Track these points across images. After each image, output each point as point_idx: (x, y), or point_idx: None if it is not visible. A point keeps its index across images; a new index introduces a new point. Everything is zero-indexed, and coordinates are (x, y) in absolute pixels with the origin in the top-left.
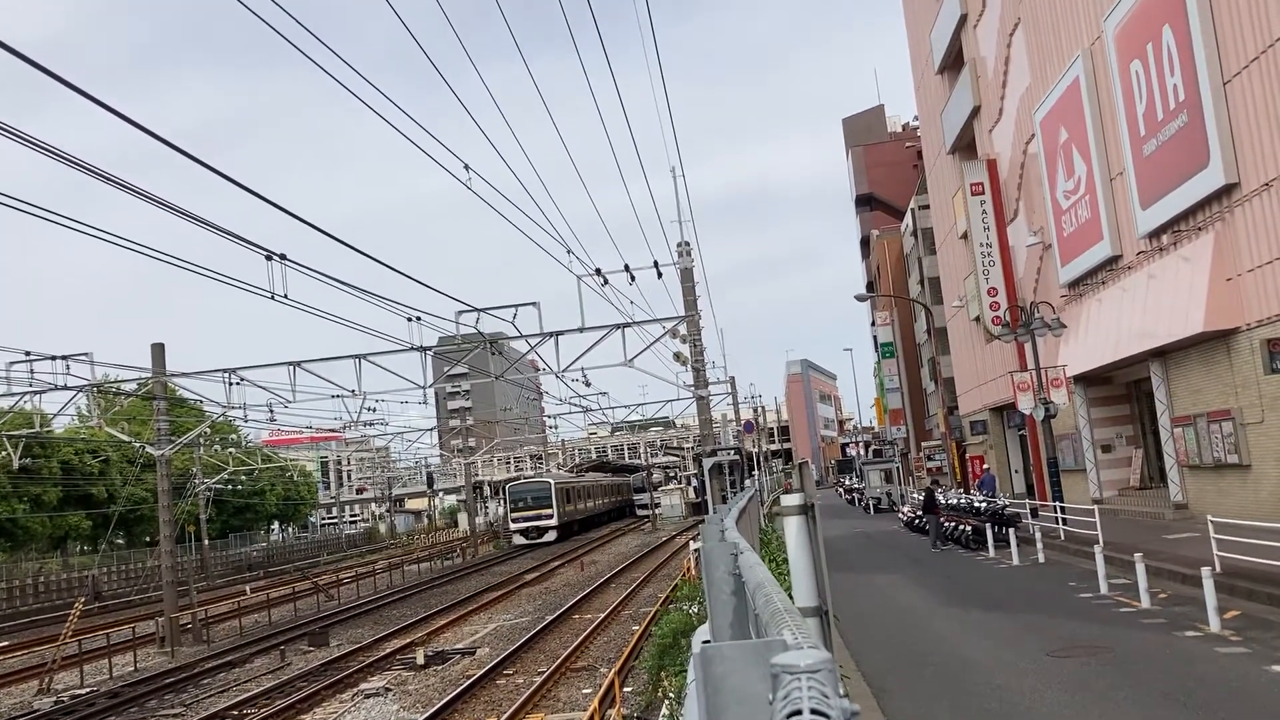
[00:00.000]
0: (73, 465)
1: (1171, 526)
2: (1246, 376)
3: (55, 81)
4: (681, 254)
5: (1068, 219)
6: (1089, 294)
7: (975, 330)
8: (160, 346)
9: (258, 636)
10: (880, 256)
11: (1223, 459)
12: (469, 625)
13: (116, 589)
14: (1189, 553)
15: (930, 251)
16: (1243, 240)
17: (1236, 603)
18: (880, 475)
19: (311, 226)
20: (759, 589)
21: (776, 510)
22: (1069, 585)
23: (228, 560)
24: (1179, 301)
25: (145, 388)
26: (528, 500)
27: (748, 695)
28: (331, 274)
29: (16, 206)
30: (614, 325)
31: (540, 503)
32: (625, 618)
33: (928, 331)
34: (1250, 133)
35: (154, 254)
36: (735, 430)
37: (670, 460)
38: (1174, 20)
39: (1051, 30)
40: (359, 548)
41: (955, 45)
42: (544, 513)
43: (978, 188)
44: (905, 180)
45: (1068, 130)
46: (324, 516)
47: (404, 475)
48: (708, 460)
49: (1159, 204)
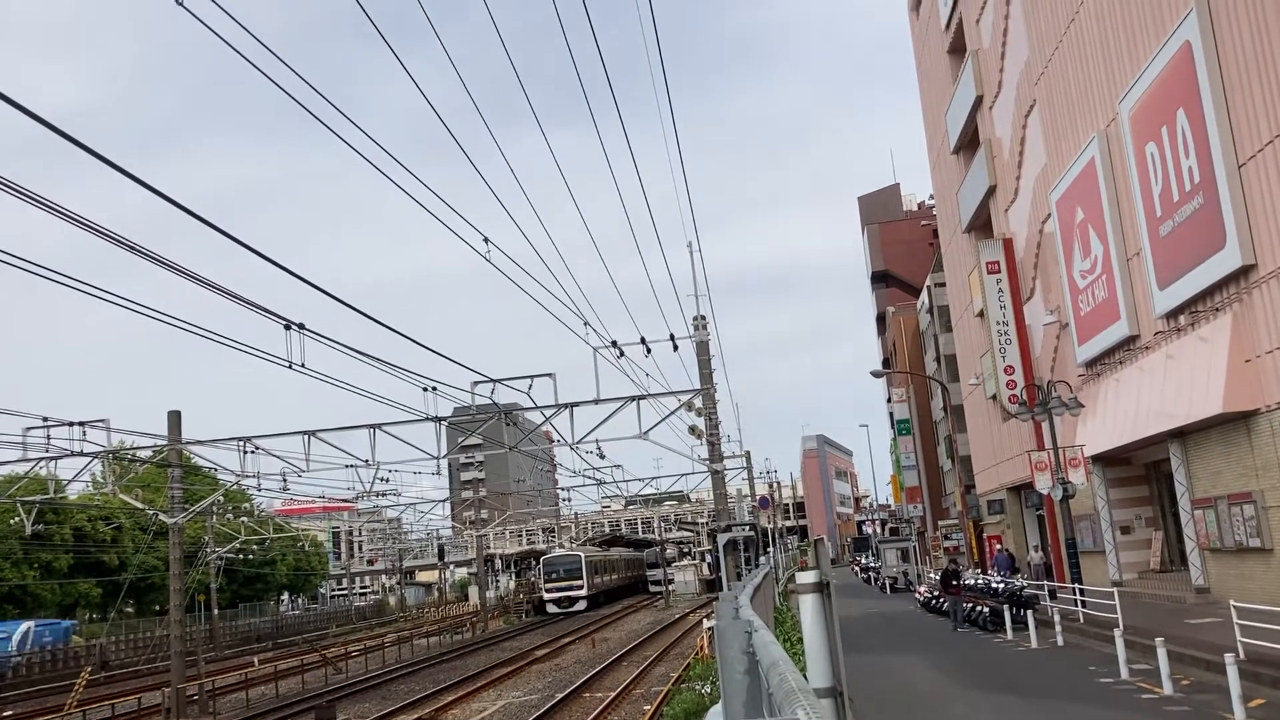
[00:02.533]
0: (85, 532)
1: (1193, 611)
2: (1268, 459)
3: (77, 148)
4: (697, 327)
5: (1084, 298)
6: (1107, 373)
7: (992, 408)
8: (176, 414)
9: (264, 709)
10: (896, 333)
11: (1244, 542)
12: (478, 702)
13: (124, 658)
14: (1212, 638)
15: (946, 329)
16: (1261, 322)
17: (1262, 690)
18: (897, 554)
19: (330, 296)
20: (773, 668)
21: (791, 588)
22: (1089, 669)
23: (236, 631)
24: (1197, 382)
25: (160, 455)
26: (560, 572)
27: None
28: (349, 343)
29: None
30: (629, 397)
31: (572, 574)
32: (637, 696)
33: (944, 409)
34: (1266, 215)
35: (173, 321)
36: (750, 506)
37: (684, 535)
38: (1188, 104)
39: (1067, 112)
40: (368, 620)
41: (971, 126)
42: (575, 584)
43: (994, 266)
44: (921, 258)
45: (1084, 210)
46: (334, 588)
47: (415, 547)
48: (722, 536)
49: (1176, 284)
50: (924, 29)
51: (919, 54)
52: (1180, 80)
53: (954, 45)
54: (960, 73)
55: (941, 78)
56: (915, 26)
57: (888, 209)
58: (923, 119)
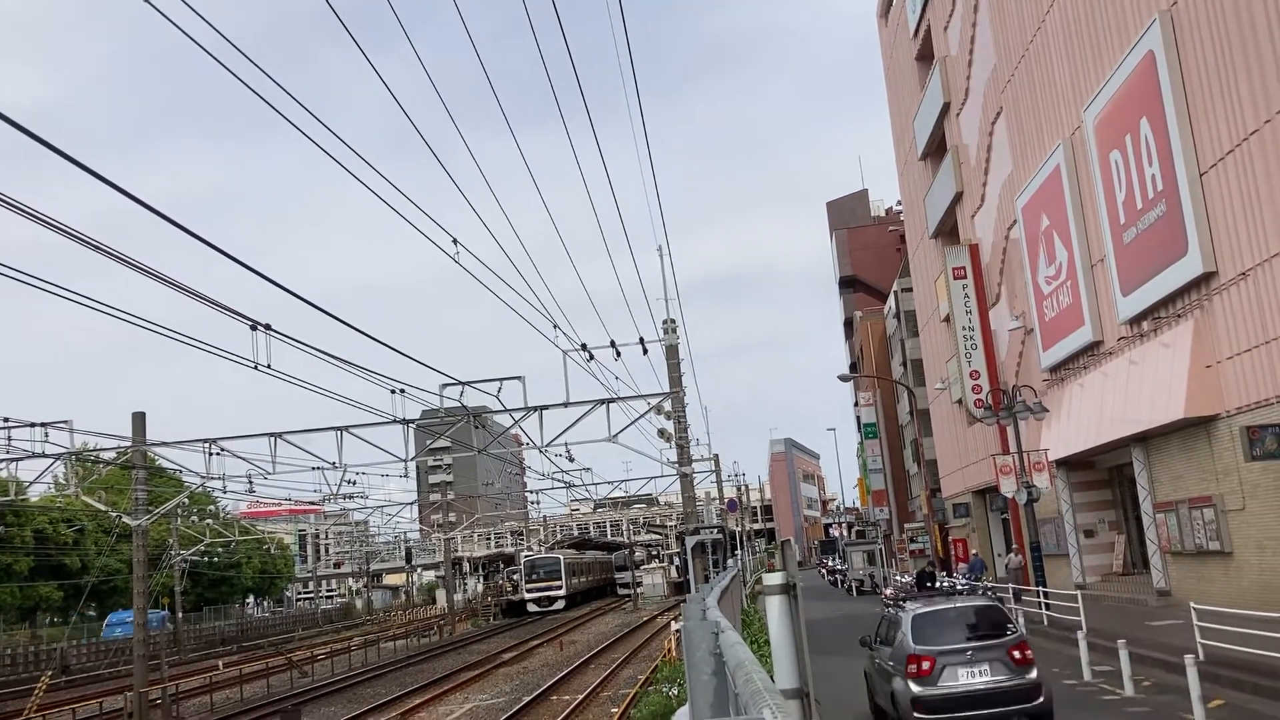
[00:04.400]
0: (46, 534)
1: (1155, 613)
2: (1227, 463)
3: (43, 148)
4: (667, 331)
5: (1049, 304)
6: (1071, 378)
7: (958, 413)
8: (141, 415)
9: (229, 714)
10: (863, 338)
11: (1205, 546)
12: (445, 705)
13: (86, 663)
14: (1172, 640)
15: (913, 334)
16: (1221, 328)
17: (1221, 691)
18: (863, 556)
19: (296, 297)
20: (739, 668)
21: (759, 589)
22: (1052, 671)
23: (201, 634)
24: (1160, 387)
25: (124, 457)
26: (540, 573)
27: None
28: (316, 345)
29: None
30: (599, 400)
31: (551, 575)
32: (604, 699)
33: (910, 413)
34: (1227, 223)
35: (137, 321)
36: (718, 509)
37: (653, 538)
38: (1151, 113)
39: (1033, 119)
40: (335, 623)
41: (938, 132)
42: (554, 584)
43: (960, 272)
44: (888, 263)
45: (1049, 217)
46: (300, 591)
47: (382, 550)
48: (690, 539)
49: (1139, 291)
50: (893, 36)
51: (887, 61)
52: (1144, 89)
53: (922, 52)
54: (928, 80)
55: (909, 84)
56: (884, 33)
57: (856, 214)
58: (891, 125)
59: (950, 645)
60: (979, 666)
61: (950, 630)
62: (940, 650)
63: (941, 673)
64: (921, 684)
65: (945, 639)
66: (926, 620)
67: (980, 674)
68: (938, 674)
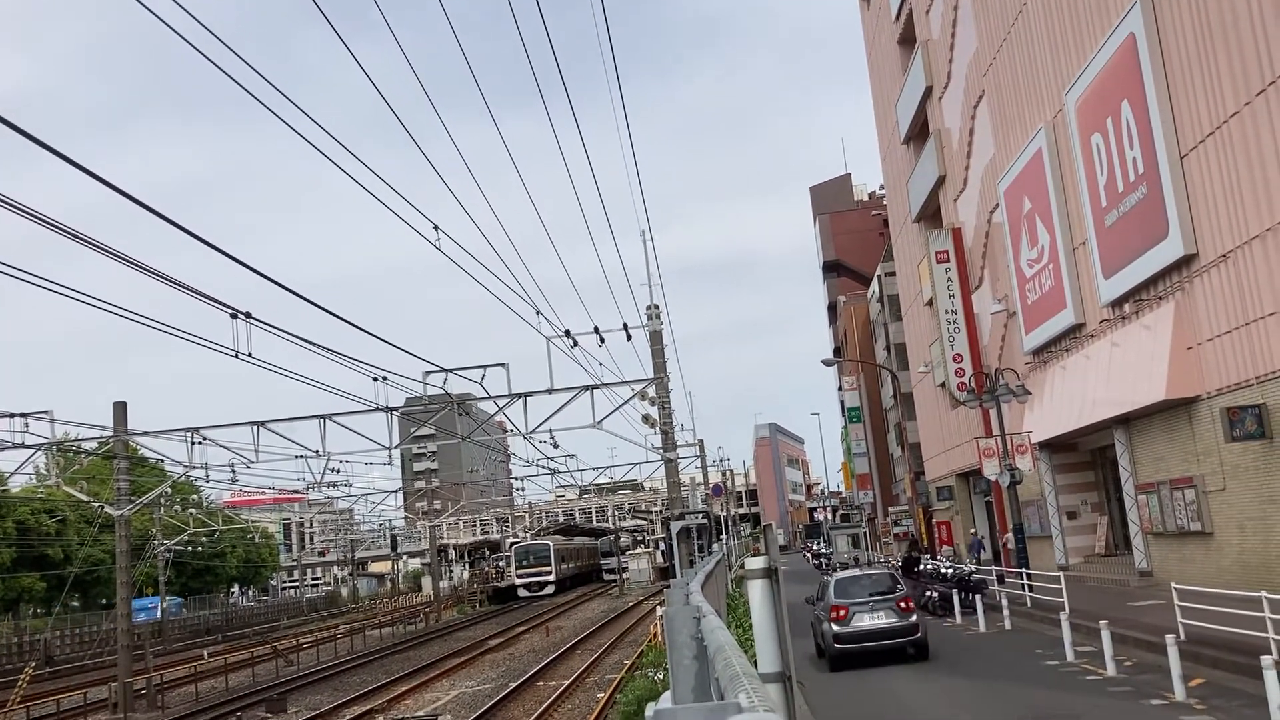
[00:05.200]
0: (28, 525)
1: (1137, 594)
2: (1208, 444)
3: (16, 134)
4: (651, 317)
5: (1031, 287)
6: (1053, 361)
7: (941, 396)
8: (122, 405)
9: (214, 702)
10: (847, 322)
11: (1186, 526)
12: (431, 692)
13: (70, 653)
14: (1154, 620)
15: (896, 318)
16: (1202, 310)
17: (1201, 670)
18: (848, 540)
19: (277, 284)
20: (719, 652)
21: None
22: (1035, 652)
23: (185, 624)
24: (1141, 370)
25: (106, 447)
26: (530, 559)
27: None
28: (297, 333)
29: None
30: (583, 387)
31: (541, 561)
32: (591, 684)
33: (894, 397)
34: (1208, 205)
35: (117, 311)
36: (703, 494)
37: (638, 524)
38: (1132, 95)
39: (1015, 103)
40: (320, 612)
41: (921, 116)
42: (544, 570)
43: (943, 256)
44: (871, 247)
45: (1031, 200)
46: (285, 580)
47: (367, 538)
48: (675, 524)
49: (1121, 273)
50: (875, 19)
51: (870, 45)
52: (1125, 72)
53: (904, 36)
54: (910, 63)
55: (892, 68)
56: (866, 17)
57: (839, 199)
58: (873, 109)
59: (858, 599)
60: (877, 613)
61: (859, 589)
62: (852, 602)
63: (852, 617)
64: (839, 625)
65: (855, 595)
66: (844, 583)
67: (877, 618)
68: (850, 618)
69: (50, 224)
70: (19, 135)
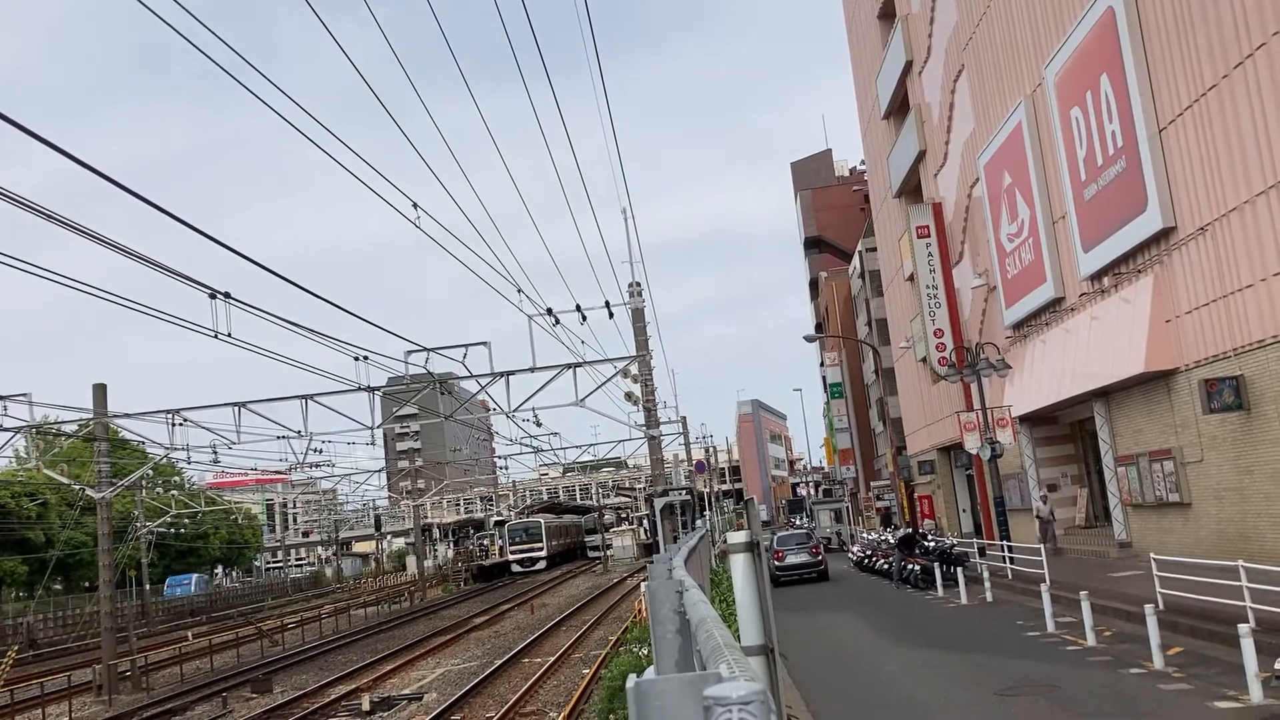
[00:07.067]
0: (9, 509)
1: (1116, 565)
2: (1186, 416)
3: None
4: (633, 294)
5: (1012, 261)
6: (1033, 335)
7: (922, 371)
8: (102, 387)
9: (199, 683)
10: (829, 298)
11: (1164, 498)
12: (416, 670)
13: (53, 636)
14: (1133, 590)
15: (878, 293)
16: (1180, 283)
17: (1179, 639)
18: (830, 515)
19: (256, 264)
20: (701, 625)
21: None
22: (1016, 624)
23: (169, 606)
24: (1120, 342)
25: (86, 429)
26: (523, 536)
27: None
28: (277, 313)
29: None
30: (565, 365)
31: (533, 538)
32: (576, 661)
33: (875, 372)
34: (1186, 178)
35: (95, 292)
36: (687, 470)
37: (622, 501)
38: (1111, 69)
39: (994, 77)
40: (304, 592)
41: (901, 91)
42: (536, 546)
43: (923, 231)
44: (853, 223)
45: (1011, 175)
46: (269, 560)
47: (351, 518)
48: (659, 501)
49: (1100, 247)
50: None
51: (850, 19)
52: (1104, 46)
53: (884, 10)
54: (890, 38)
55: (872, 43)
56: None
57: (820, 175)
58: (854, 84)
59: (788, 547)
60: (800, 554)
61: (789, 541)
62: (785, 548)
63: (786, 557)
64: (778, 563)
65: (787, 544)
66: (782, 538)
67: (799, 557)
68: (785, 558)
69: (24, 204)
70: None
